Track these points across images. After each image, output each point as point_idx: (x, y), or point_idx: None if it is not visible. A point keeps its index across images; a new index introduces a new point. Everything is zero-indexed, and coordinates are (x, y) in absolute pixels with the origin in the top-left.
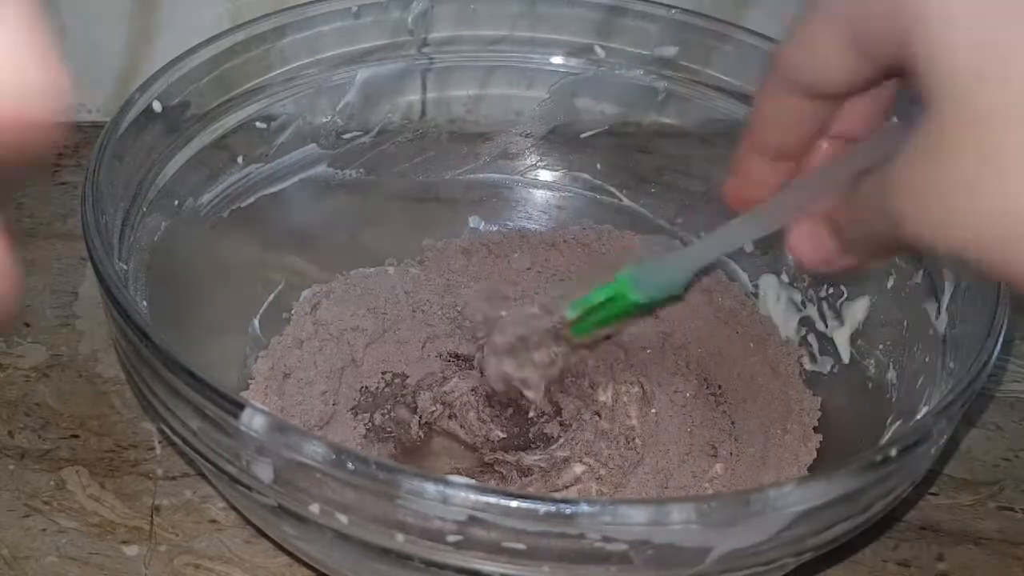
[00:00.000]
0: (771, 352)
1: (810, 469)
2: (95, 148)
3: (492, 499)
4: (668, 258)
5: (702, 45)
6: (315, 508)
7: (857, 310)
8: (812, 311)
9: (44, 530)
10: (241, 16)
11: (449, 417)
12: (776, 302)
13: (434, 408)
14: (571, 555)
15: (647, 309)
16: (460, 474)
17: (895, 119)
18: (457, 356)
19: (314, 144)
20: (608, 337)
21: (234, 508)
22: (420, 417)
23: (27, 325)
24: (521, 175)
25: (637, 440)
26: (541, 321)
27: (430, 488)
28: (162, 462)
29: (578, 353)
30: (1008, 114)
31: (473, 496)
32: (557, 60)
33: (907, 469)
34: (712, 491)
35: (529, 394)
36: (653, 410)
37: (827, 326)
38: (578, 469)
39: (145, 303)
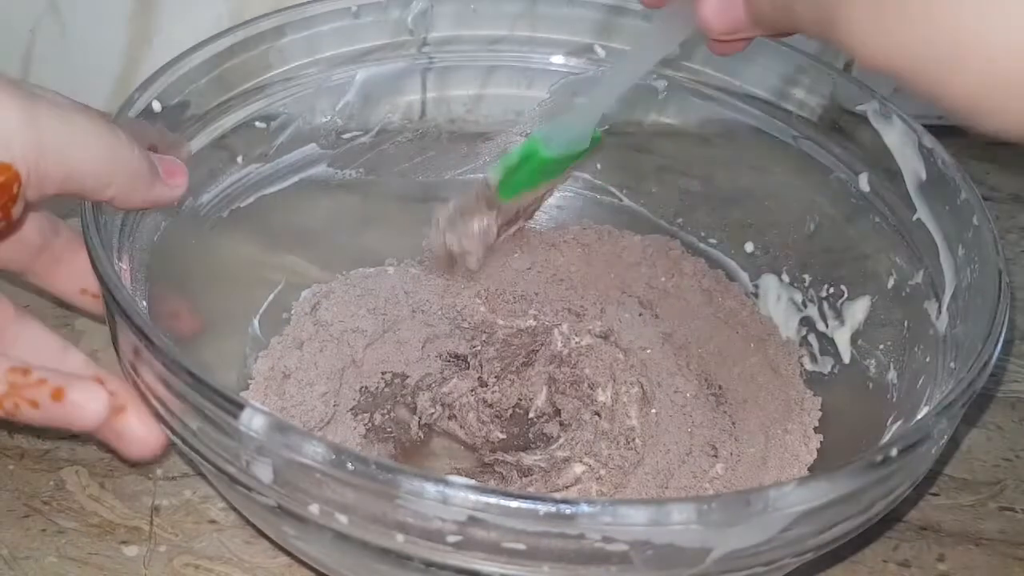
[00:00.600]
0: (771, 352)
1: (810, 469)
2: None
3: (492, 499)
4: (574, 111)
5: (702, 45)
6: (315, 508)
7: (857, 310)
8: (812, 311)
9: (44, 530)
10: (241, 16)
11: (449, 418)
12: (776, 302)
13: (434, 409)
14: (571, 555)
15: (567, 166)
16: (460, 474)
17: None
18: (457, 356)
19: (314, 144)
20: (537, 202)
21: (234, 508)
22: (420, 417)
23: None
24: None
25: (637, 440)
26: (473, 190)
27: (430, 488)
28: (162, 462)
29: (510, 220)
30: None
31: (473, 496)
32: (557, 60)
33: (907, 469)
34: (712, 491)
35: (469, 261)
36: (653, 410)
37: (827, 326)
38: (578, 469)
39: (145, 303)
